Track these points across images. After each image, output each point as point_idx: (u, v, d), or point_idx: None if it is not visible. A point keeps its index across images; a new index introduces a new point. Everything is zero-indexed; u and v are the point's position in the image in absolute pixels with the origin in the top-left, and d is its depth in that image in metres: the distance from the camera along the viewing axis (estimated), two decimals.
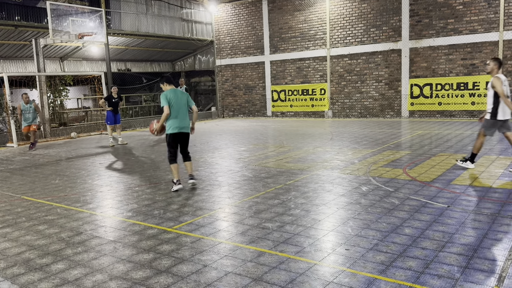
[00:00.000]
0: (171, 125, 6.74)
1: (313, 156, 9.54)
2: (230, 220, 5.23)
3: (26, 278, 3.84)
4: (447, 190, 6.17)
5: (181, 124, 6.77)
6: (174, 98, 6.71)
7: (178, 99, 6.75)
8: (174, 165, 6.83)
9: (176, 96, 6.74)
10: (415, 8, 16.87)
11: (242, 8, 21.58)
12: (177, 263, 4.00)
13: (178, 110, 6.73)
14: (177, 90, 6.76)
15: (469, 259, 3.81)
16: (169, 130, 6.77)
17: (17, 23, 16.14)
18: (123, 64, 23.60)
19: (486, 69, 7.31)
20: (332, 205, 5.67)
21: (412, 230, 4.60)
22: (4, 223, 5.56)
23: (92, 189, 7.30)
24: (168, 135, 6.80)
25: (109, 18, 19.04)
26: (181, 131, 6.79)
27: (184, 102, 6.85)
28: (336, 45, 18.94)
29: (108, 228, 5.15)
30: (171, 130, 6.75)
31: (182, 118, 6.77)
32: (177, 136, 6.79)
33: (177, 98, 6.74)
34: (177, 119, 6.73)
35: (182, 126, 6.78)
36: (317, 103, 19.81)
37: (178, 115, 6.73)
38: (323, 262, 3.89)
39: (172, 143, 6.81)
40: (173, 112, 6.69)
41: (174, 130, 6.74)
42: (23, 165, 10.15)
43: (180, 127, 6.75)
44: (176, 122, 6.73)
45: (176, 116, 6.72)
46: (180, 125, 6.75)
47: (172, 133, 6.75)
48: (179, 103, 6.75)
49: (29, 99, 12.58)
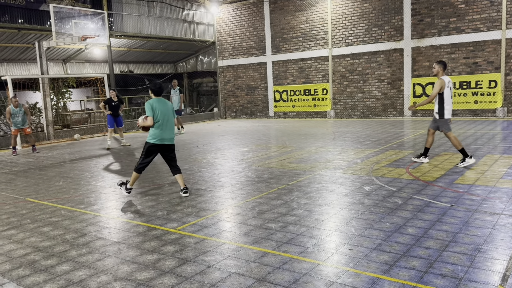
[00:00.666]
0: (154, 136, 6.40)
1: (316, 156, 9.55)
2: (233, 221, 5.24)
3: (32, 279, 3.86)
4: (450, 189, 6.16)
5: (165, 135, 6.42)
6: (160, 108, 6.37)
7: (163, 109, 6.41)
8: (137, 175, 6.55)
9: (161, 106, 6.41)
10: (417, 7, 16.85)
11: (244, 9, 21.61)
12: (181, 264, 4.01)
13: (163, 120, 6.37)
14: (162, 100, 6.47)
15: (473, 258, 3.81)
16: (150, 139, 6.42)
17: (20, 26, 16.21)
18: (125, 65, 23.66)
19: (432, 72, 7.71)
20: (335, 205, 5.68)
21: (415, 229, 4.60)
22: (9, 225, 5.59)
23: (96, 191, 7.33)
24: (147, 143, 6.45)
25: (111, 20, 19.10)
26: (163, 143, 6.44)
27: (170, 112, 6.51)
28: (338, 45, 18.93)
29: (112, 230, 5.17)
30: (152, 140, 6.41)
31: (167, 129, 6.43)
32: (158, 147, 6.44)
33: (162, 108, 6.40)
34: (161, 130, 6.38)
35: (166, 138, 6.44)
36: (319, 103, 19.80)
37: (163, 126, 6.38)
38: (327, 262, 3.90)
39: (147, 153, 6.46)
40: (158, 122, 6.35)
41: (155, 140, 6.39)
42: (27, 167, 10.20)
43: (162, 138, 6.41)
44: (160, 133, 6.39)
45: (161, 126, 6.38)
46: (163, 137, 6.41)
47: (153, 143, 6.41)
48: (164, 113, 6.40)
49: (18, 102, 12.59)
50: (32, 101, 19.13)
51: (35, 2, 16.76)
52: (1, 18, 15.80)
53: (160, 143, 6.43)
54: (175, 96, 15.84)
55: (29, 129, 12.95)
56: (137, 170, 6.56)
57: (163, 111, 6.41)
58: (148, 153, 6.48)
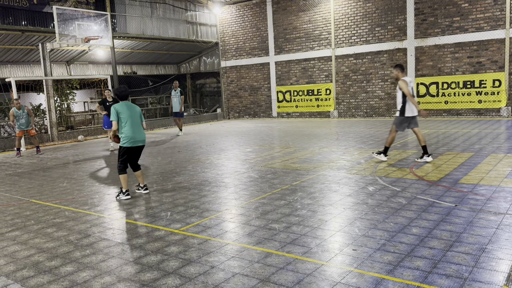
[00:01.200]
0: (127, 139, 6.60)
1: (319, 156, 9.53)
2: (237, 221, 5.24)
3: (36, 280, 3.87)
4: (455, 189, 6.14)
5: (137, 137, 6.66)
6: (125, 111, 6.59)
7: (130, 112, 6.63)
8: (124, 175, 6.68)
9: (127, 109, 6.63)
10: (420, 7, 16.80)
11: (247, 10, 21.62)
12: (184, 265, 4.01)
13: (132, 122, 6.61)
14: (128, 104, 6.68)
15: (477, 258, 3.79)
16: (125, 143, 6.62)
17: (24, 28, 16.28)
18: (129, 67, 23.72)
19: (392, 76, 8.27)
20: (339, 205, 5.66)
21: (419, 229, 4.58)
22: (13, 226, 5.62)
23: (99, 192, 7.34)
24: (123, 148, 6.65)
25: (115, 21, 19.15)
26: (137, 145, 6.70)
27: (136, 115, 6.74)
28: (341, 45, 18.90)
29: (116, 230, 5.18)
30: (126, 144, 6.62)
31: (136, 131, 6.66)
32: (132, 149, 6.69)
33: (129, 112, 6.62)
34: (132, 133, 6.60)
35: (138, 140, 6.69)
36: (322, 103, 19.78)
37: (133, 128, 6.61)
38: (330, 262, 3.89)
39: (125, 155, 6.67)
40: (127, 125, 6.58)
41: (129, 144, 6.62)
42: (31, 169, 10.24)
43: (135, 140, 6.65)
44: (132, 136, 6.61)
45: (131, 129, 6.60)
46: (136, 139, 6.64)
47: (128, 147, 6.63)
48: (131, 116, 6.62)
49: (20, 104, 12.64)
50: (36, 103, 19.22)
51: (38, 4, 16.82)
52: (5, 20, 15.87)
53: (134, 146, 6.69)
54: (175, 98, 15.76)
55: (34, 131, 13.01)
56: (120, 172, 6.70)
57: (130, 115, 6.64)
58: (124, 155, 6.70)
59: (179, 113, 15.97)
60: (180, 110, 15.86)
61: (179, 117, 16.21)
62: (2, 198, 7.30)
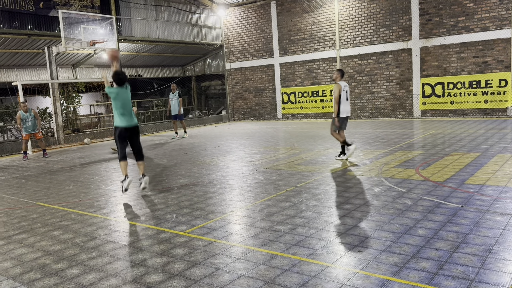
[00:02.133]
0: (119, 119, 6.89)
1: (324, 157, 9.52)
2: (242, 223, 5.24)
3: (42, 283, 3.90)
4: (461, 190, 6.10)
5: (128, 122, 6.91)
6: (120, 92, 6.85)
7: (124, 95, 6.90)
8: (123, 162, 6.95)
9: (121, 91, 6.87)
10: (424, 7, 16.75)
11: (251, 12, 21.65)
12: (190, 267, 4.02)
13: (123, 105, 6.84)
14: (124, 89, 6.91)
15: (484, 259, 3.77)
16: (117, 124, 6.91)
17: (30, 32, 16.41)
18: (134, 70, 23.82)
19: (332, 77, 9.13)
20: (344, 207, 5.65)
21: (425, 231, 4.56)
22: (20, 229, 5.66)
23: (105, 194, 7.38)
24: (116, 127, 6.94)
25: (120, 25, 19.25)
26: (129, 126, 6.92)
27: (128, 98, 6.97)
28: (346, 46, 18.88)
29: (122, 233, 5.20)
30: (119, 124, 6.89)
31: (128, 116, 6.91)
32: (125, 130, 6.89)
33: (123, 94, 6.88)
34: (124, 117, 6.86)
35: (129, 120, 6.92)
36: (327, 104, 19.75)
37: (124, 112, 6.86)
38: (336, 264, 3.88)
39: (119, 138, 6.92)
40: (119, 108, 6.83)
41: (122, 123, 6.88)
42: (38, 172, 10.31)
43: (127, 120, 6.90)
44: (123, 117, 6.87)
45: (123, 113, 6.85)
46: (127, 119, 6.89)
47: (120, 126, 6.88)
48: (123, 97, 6.87)
49: (27, 107, 12.72)
50: (42, 106, 19.34)
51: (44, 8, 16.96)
52: (11, 24, 16.01)
53: (127, 125, 6.90)
54: (174, 100, 15.74)
55: (40, 134, 13.10)
56: (120, 159, 6.98)
57: (124, 96, 6.89)
58: (120, 137, 6.94)
59: (178, 116, 15.95)
60: (179, 112, 15.83)
61: (179, 120, 16.17)
62: (9, 201, 7.36)
